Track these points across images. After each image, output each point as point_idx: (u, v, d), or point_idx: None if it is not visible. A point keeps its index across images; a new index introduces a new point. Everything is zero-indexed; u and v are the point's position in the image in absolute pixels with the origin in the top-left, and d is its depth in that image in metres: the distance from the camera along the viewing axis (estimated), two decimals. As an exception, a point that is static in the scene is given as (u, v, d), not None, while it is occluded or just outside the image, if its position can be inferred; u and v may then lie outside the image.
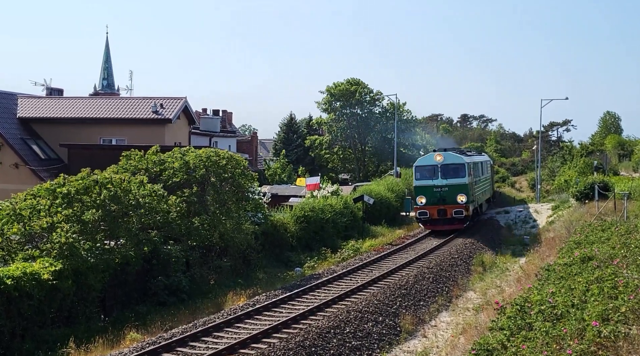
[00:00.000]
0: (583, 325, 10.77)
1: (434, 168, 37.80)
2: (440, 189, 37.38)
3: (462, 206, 37.03)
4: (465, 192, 37.24)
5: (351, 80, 79.30)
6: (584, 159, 66.12)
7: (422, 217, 37.98)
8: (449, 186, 37.29)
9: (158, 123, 43.81)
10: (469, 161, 38.87)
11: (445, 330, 20.17)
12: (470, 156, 42.20)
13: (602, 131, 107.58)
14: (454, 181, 37.29)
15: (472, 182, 38.49)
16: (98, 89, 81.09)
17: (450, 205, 37.13)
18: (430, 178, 37.59)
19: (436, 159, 37.89)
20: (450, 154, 38.80)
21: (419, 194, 37.91)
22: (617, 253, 17.47)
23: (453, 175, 37.38)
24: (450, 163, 37.77)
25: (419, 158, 40.59)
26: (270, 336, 17.86)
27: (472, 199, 38.17)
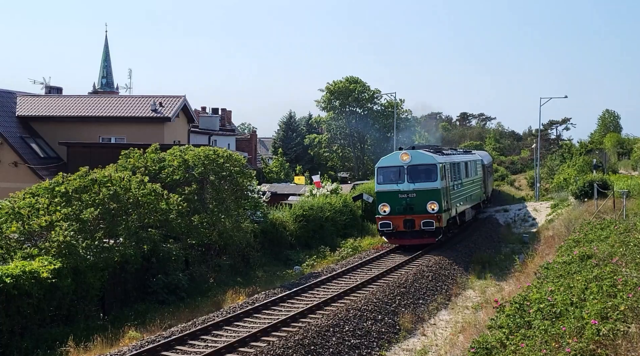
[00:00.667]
0: (582, 323, 10.77)
1: (399, 170, 31.75)
2: (407, 195, 31.27)
3: (432, 216, 30.91)
4: (437, 199, 31.14)
5: (350, 78, 79.35)
6: (583, 157, 66.14)
7: (384, 229, 31.64)
8: (417, 192, 31.21)
9: (157, 121, 43.78)
10: (442, 161, 32.81)
11: (444, 328, 20.20)
12: (447, 155, 36.14)
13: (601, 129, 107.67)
14: (423, 185, 31.25)
15: (447, 186, 32.69)
16: (97, 87, 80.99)
17: (418, 215, 31.04)
18: (395, 182, 31.63)
19: (402, 159, 31.65)
20: (419, 153, 32.49)
21: (382, 202, 31.75)
22: (616, 252, 17.48)
23: (423, 178, 31.41)
24: (418, 164, 31.69)
25: (383, 158, 33.44)
26: (270, 334, 17.87)
27: (446, 207, 32.22)
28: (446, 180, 32.52)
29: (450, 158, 35.28)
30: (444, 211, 31.49)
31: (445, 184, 32.30)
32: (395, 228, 31.37)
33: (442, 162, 32.41)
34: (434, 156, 32.38)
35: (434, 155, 32.72)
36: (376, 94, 79.24)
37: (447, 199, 32.33)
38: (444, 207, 31.54)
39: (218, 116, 64.07)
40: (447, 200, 32.42)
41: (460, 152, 42.41)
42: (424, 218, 30.93)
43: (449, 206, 32.56)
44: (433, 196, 31.22)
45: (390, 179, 31.89)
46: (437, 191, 31.34)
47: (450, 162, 34.40)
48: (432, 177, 31.41)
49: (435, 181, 31.30)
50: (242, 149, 64.80)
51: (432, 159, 31.94)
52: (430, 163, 31.75)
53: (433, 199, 31.11)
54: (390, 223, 31.29)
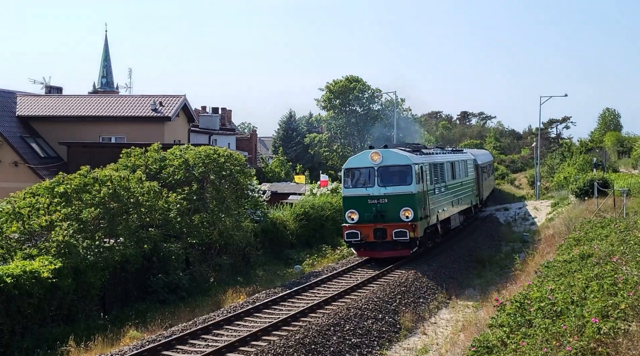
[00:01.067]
0: (583, 322, 10.77)
1: (369, 172, 27.80)
2: (377, 201, 27.38)
3: (406, 224, 26.87)
4: (412, 205, 27.13)
5: (351, 77, 79.38)
6: (583, 156, 66.11)
7: (352, 239, 27.55)
8: (389, 197, 27.30)
9: (157, 121, 43.78)
10: (420, 161, 28.76)
11: (445, 327, 20.20)
12: (428, 154, 31.87)
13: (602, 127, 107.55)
14: (395, 189, 27.33)
15: (425, 190, 28.62)
16: (97, 87, 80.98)
17: (390, 223, 27.08)
18: (364, 186, 27.75)
19: (372, 159, 27.65)
20: (391, 152, 28.34)
21: (349, 208, 27.76)
22: (616, 250, 17.47)
23: (395, 181, 27.56)
24: (391, 165, 27.66)
25: (351, 158, 29.47)
26: (270, 333, 17.87)
27: (423, 214, 28.21)
28: (424, 183, 28.49)
29: (430, 158, 31.16)
30: (420, 218, 27.50)
31: (423, 188, 28.31)
32: (365, 238, 27.33)
33: (419, 162, 28.41)
34: (409, 156, 28.18)
35: (409, 154, 28.53)
36: (376, 93, 79.27)
37: (425, 204, 28.34)
38: (420, 214, 27.64)
39: (218, 116, 64.06)
40: (426, 206, 28.45)
41: (447, 151, 38.50)
42: (397, 227, 26.86)
43: (427, 212, 28.51)
44: (407, 201, 27.16)
45: (358, 183, 28.02)
46: (412, 196, 27.24)
47: (430, 162, 30.42)
48: (407, 179, 27.45)
49: (409, 185, 27.31)
50: (242, 148, 64.81)
51: (406, 159, 27.78)
52: (403, 164, 27.61)
53: (407, 206, 27.06)
54: (359, 233, 27.22)
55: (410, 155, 28.48)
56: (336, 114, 79.84)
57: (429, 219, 28.83)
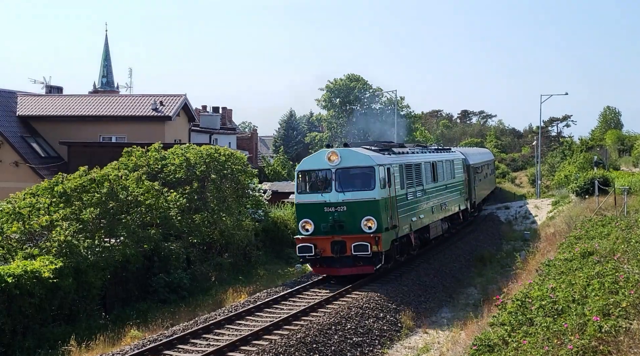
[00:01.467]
0: (584, 320, 10.77)
1: (325, 174, 23.80)
2: (335, 209, 23.24)
3: (368, 236, 22.79)
4: (375, 213, 23.09)
5: (351, 76, 79.36)
6: (584, 154, 66.05)
7: (306, 254, 23.43)
8: (349, 204, 23.17)
9: (158, 120, 43.81)
10: (387, 162, 24.57)
11: (446, 325, 20.20)
12: (400, 153, 27.18)
13: (602, 126, 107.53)
14: (356, 195, 23.27)
15: (392, 196, 24.41)
16: (97, 86, 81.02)
17: (350, 235, 22.98)
18: (320, 191, 23.67)
19: (329, 159, 23.54)
20: (352, 151, 24.18)
21: (303, 218, 23.71)
22: (617, 248, 17.47)
23: (356, 186, 23.56)
24: (351, 167, 23.56)
25: (305, 158, 25.57)
26: (272, 333, 17.86)
27: (390, 224, 23.96)
28: (392, 187, 24.43)
29: (402, 158, 26.72)
30: (386, 229, 23.49)
31: (390, 193, 24.20)
32: (321, 252, 23.26)
33: (385, 163, 24.29)
34: (372, 156, 24.02)
35: (374, 154, 24.37)
36: (377, 92, 79.24)
37: (393, 212, 24.29)
38: (386, 224, 23.56)
39: (219, 115, 64.10)
40: (394, 214, 24.36)
41: (430, 150, 33.65)
42: (357, 239, 22.75)
43: (395, 222, 24.37)
44: (370, 209, 23.11)
45: (314, 187, 24.10)
46: (375, 203, 23.17)
47: (402, 163, 26.18)
48: (369, 183, 23.36)
49: (372, 190, 23.23)
50: (242, 147, 64.84)
51: (368, 160, 23.63)
52: (365, 165, 23.53)
53: (369, 214, 23.01)
54: (313, 247, 23.14)
55: (374, 155, 24.30)
56: (337, 113, 79.83)
57: (397, 229, 24.52)
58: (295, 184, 24.46)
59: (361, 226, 23.08)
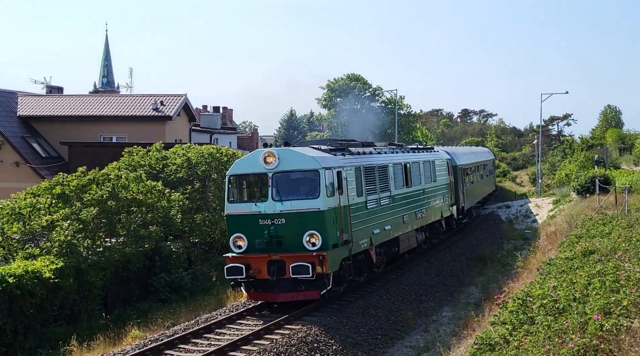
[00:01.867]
0: (585, 319, 10.78)
1: (261, 180, 19.78)
2: (272, 221, 19.26)
3: (310, 255, 18.76)
4: (320, 227, 19.08)
5: (351, 75, 79.39)
6: (584, 153, 66.05)
7: (236, 276, 19.36)
8: (288, 216, 19.22)
9: (158, 120, 43.83)
10: (336, 164, 20.31)
11: (447, 324, 20.20)
12: (359, 155, 22.84)
13: (603, 124, 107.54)
14: (297, 205, 19.26)
15: (344, 205, 20.22)
16: (98, 86, 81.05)
17: (290, 254, 19.01)
18: (254, 200, 19.66)
19: (265, 162, 19.48)
20: (292, 152, 20.04)
21: (235, 232, 19.76)
22: (618, 247, 17.48)
23: (298, 194, 19.56)
24: (290, 170, 19.58)
25: (238, 160, 21.78)
26: (273, 332, 17.85)
27: (340, 239, 19.78)
28: (344, 194, 20.27)
29: (361, 160, 22.53)
30: (335, 245, 19.47)
31: (341, 202, 20.01)
32: (255, 273, 19.18)
33: (334, 166, 20.06)
34: (318, 157, 19.77)
35: (320, 155, 20.19)
36: (377, 91, 79.25)
37: (345, 224, 20.15)
38: (334, 239, 19.46)
39: (219, 115, 64.09)
40: (346, 227, 20.16)
41: (406, 149, 29.47)
42: (297, 259, 18.74)
43: (348, 236, 20.21)
44: (313, 222, 19.12)
45: (247, 196, 20.14)
46: (319, 214, 19.09)
47: (360, 165, 22.02)
48: (313, 191, 19.32)
49: (316, 198, 19.16)
50: (243, 147, 64.82)
51: (311, 162, 19.46)
52: (308, 169, 19.40)
53: (313, 228, 19.04)
54: (244, 268, 19.08)
55: (320, 156, 20.11)
56: (337, 113, 79.85)
57: (351, 245, 20.35)
58: (226, 192, 20.31)
59: (303, 242, 19.00)
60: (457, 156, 37.77)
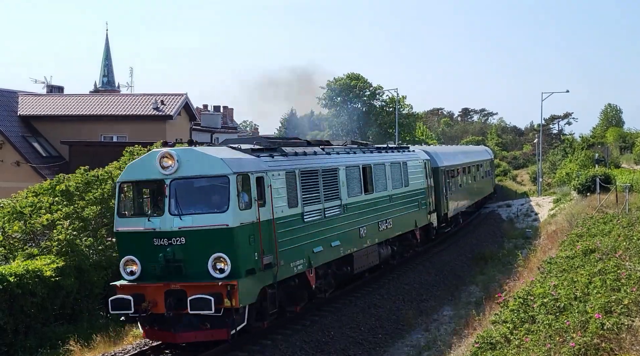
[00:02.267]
0: (586, 318, 10.78)
1: (156, 188, 16.07)
2: (170, 241, 15.31)
3: (217, 285, 14.85)
4: (229, 249, 15.18)
5: (351, 75, 79.35)
6: (585, 152, 66.05)
7: (125, 312, 15.55)
8: (190, 235, 15.28)
9: (159, 120, 43.83)
10: (255, 168, 16.27)
11: (448, 323, 20.20)
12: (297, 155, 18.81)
13: (603, 123, 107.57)
14: (200, 220, 15.34)
15: (267, 220, 16.21)
16: (98, 86, 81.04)
17: (192, 283, 15.11)
18: (148, 214, 15.90)
19: (162, 165, 15.55)
20: (195, 152, 16.01)
21: (125, 254, 15.98)
22: (619, 245, 17.49)
23: (202, 206, 15.60)
24: (193, 176, 15.61)
25: (130, 163, 17.28)
26: (275, 331, 17.81)
27: (259, 263, 15.78)
28: (267, 205, 16.21)
29: (297, 162, 18.29)
30: (249, 271, 15.34)
31: (261, 215, 15.86)
32: (150, 306, 15.23)
33: (252, 170, 15.95)
34: (228, 160, 15.68)
35: (231, 157, 16.03)
36: (378, 90, 79.22)
37: (266, 244, 15.98)
38: (249, 263, 15.39)
39: (220, 114, 64.12)
40: (268, 246, 16.06)
41: (369, 148, 25.20)
42: (200, 289, 14.82)
43: (273, 258, 16.12)
44: (220, 242, 15.12)
45: (139, 208, 16.37)
46: (228, 232, 15.13)
47: (295, 169, 17.88)
48: (220, 202, 15.36)
49: (224, 211, 15.18)
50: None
51: (219, 166, 15.44)
52: (215, 174, 15.46)
53: (220, 250, 15.05)
54: (131, 300, 15.20)
55: (232, 158, 15.92)
56: (337, 112, 79.83)
57: (276, 269, 16.20)
58: (116, 203, 16.35)
59: (209, 267, 14.97)
60: (440, 156, 33.93)
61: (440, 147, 43.34)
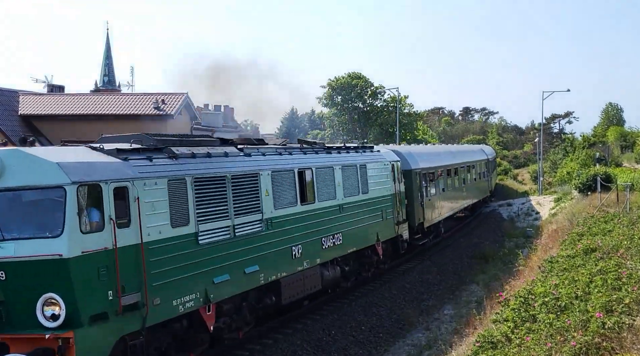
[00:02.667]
0: (587, 317, 10.78)
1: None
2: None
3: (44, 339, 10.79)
4: (65, 288, 10.93)
5: (352, 74, 79.31)
6: (585, 151, 66.05)
7: None
8: (11, 268, 11.03)
9: (160, 119, 43.87)
10: (113, 177, 12.05)
11: (448, 322, 20.21)
12: (190, 158, 14.49)
13: (604, 122, 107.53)
14: (25, 249, 11.00)
15: (131, 245, 12.09)
16: (99, 85, 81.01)
17: (14, 335, 10.97)
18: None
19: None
20: (22, 154, 11.52)
21: None
22: (620, 245, 17.48)
23: (27, 228, 11.25)
24: (15, 187, 11.34)
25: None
26: (276, 331, 17.84)
27: (118, 304, 11.61)
28: (133, 227, 12.31)
29: (191, 166, 14.36)
30: (95, 318, 11.40)
31: (122, 240, 11.99)
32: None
33: (108, 179, 12.05)
34: (66, 164, 11.53)
35: (73, 160, 11.92)
36: (379, 89, 79.18)
37: (128, 278, 12.07)
38: (97, 306, 11.46)
39: (221, 113, 64.09)
40: (132, 281, 12.16)
41: (316, 148, 21.04)
42: (23, 343, 11.04)
43: (141, 296, 12.30)
44: (53, 278, 11.11)
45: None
46: (63, 265, 11.03)
47: (186, 175, 13.93)
48: (53, 224, 11.20)
49: (57, 236, 11.06)
50: (244, 145, 64.74)
51: (53, 172, 11.30)
52: (46, 185, 11.32)
53: (52, 289, 11.09)
54: None
55: (76, 161, 11.95)
56: (338, 111, 79.82)
57: (146, 310, 12.31)
58: None
59: (37, 313, 11.11)
60: (414, 157, 29.56)
61: (417, 147, 39.14)
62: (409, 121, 78.42)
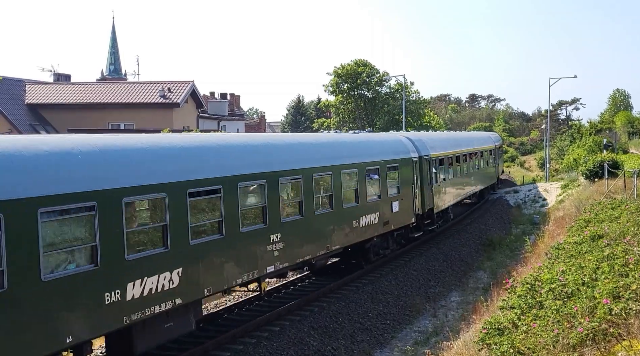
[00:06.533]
0: (594, 303, 10.77)
1: None
2: None
3: None
4: None
5: (358, 61, 78.98)
6: (593, 137, 65.76)
7: None
8: None
9: (166, 107, 43.89)
10: None
11: (455, 309, 20.23)
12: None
13: (612, 108, 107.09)
14: None
15: None
16: (105, 74, 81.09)
17: None
18: None
19: None
20: None
21: None
22: (627, 231, 17.42)
23: None
24: None
25: None
26: (283, 318, 17.89)
27: None
28: None
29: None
30: None
31: None
32: None
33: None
34: None
35: None
36: (385, 76, 78.86)
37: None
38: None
39: (227, 101, 64.10)
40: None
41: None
42: None
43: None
44: None
45: None
46: None
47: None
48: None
49: None
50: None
51: None
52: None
53: None
54: None
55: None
56: (344, 99, 79.57)
57: None
58: None
59: None
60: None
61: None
62: (415, 108, 78.13)
